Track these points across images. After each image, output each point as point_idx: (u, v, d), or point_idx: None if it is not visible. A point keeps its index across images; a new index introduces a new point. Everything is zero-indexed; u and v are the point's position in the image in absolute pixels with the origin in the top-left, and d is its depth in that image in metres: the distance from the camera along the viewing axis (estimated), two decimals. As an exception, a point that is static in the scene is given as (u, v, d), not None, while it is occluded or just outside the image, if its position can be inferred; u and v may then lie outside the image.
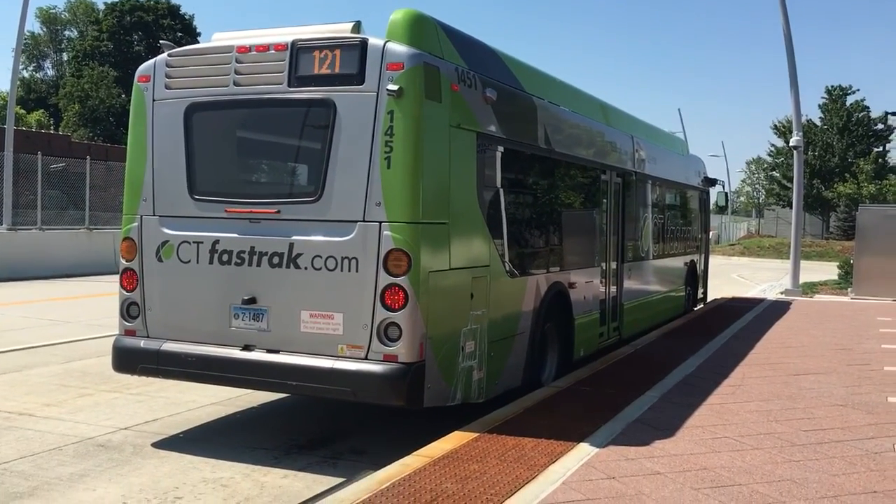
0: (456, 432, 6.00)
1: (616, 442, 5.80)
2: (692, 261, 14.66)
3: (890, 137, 57.50)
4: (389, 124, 5.83)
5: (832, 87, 59.10)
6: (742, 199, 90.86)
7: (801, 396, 7.43)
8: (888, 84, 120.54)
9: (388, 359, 5.81)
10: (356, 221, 5.91)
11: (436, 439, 5.83)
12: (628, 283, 10.67)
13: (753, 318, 13.66)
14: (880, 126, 57.16)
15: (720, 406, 6.98)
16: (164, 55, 6.68)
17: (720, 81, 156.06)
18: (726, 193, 17.96)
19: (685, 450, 5.65)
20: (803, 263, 21.25)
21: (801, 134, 19.69)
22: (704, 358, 9.39)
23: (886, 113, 53.45)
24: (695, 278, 14.94)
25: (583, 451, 5.56)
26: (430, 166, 6.00)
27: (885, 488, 4.92)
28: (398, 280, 5.78)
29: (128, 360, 6.67)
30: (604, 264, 9.83)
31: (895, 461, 5.47)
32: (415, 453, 5.51)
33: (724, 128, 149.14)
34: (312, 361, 5.97)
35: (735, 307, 15.45)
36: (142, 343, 6.57)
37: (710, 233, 18.66)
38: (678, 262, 13.79)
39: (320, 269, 6.01)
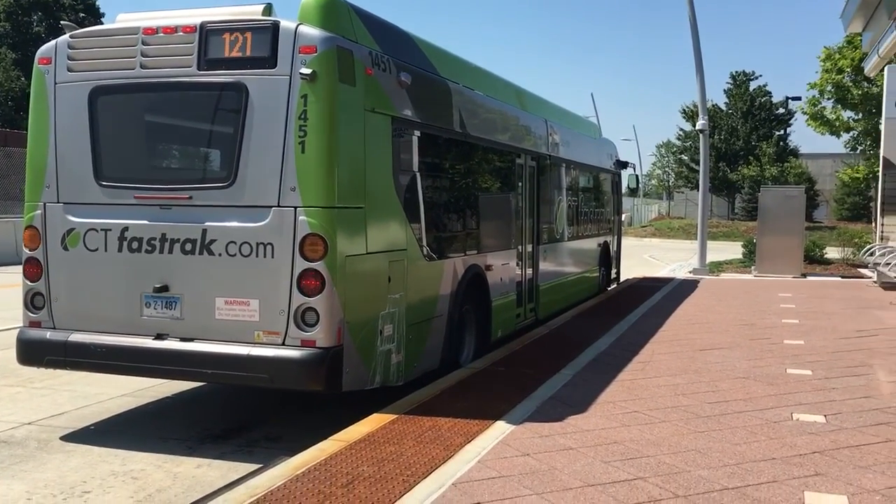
0: (373, 415, 6.01)
1: (531, 420, 5.92)
2: (605, 242, 15.07)
3: (790, 121, 59.89)
4: (303, 108, 5.79)
5: (736, 72, 61.14)
6: (653, 181, 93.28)
7: (707, 370, 7.72)
8: (788, 70, 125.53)
9: (305, 344, 5.79)
10: (271, 207, 5.85)
11: (353, 424, 5.83)
12: (544, 265, 10.90)
13: (663, 297, 14.09)
14: (781, 111, 59.47)
15: (630, 382, 7.19)
16: (65, 37, 6.45)
17: (632, 66, 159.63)
18: (637, 176, 18.50)
19: (596, 425, 5.80)
20: (710, 244, 22.02)
21: (706, 118, 20.33)
22: (616, 336, 9.65)
23: (787, 98, 55.65)
24: (608, 259, 15.35)
25: (498, 430, 5.65)
26: (344, 150, 5.98)
27: (783, 455, 5.16)
28: (314, 265, 5.76)
29: (33, 353, 6.46)
30: (520, 247, 10.01)
31: (793, 429, 5.75)
32: (331, 438, 5.49)
33: (635, 112, 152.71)
34: (228, 349, 5.89)
35: (646, 287, 15.90)
36: (48, 334, 6.37)
37: (623, 215, 19.19)
38: (592, 244, 14.13)
39: (235, 255, 5.94)
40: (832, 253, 22.52)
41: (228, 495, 4.55)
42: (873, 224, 22.28)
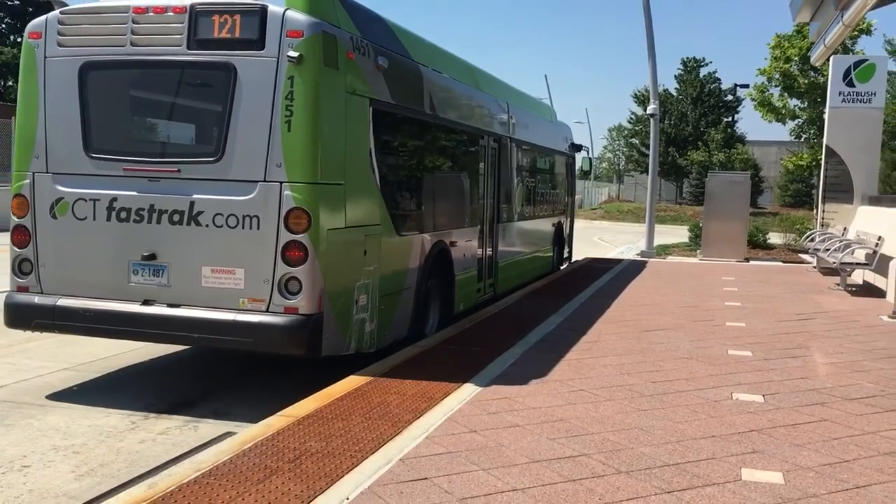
0: (321, 391, 6.00)
1: (479, 397, 5.97)
2: (559, 222, 15.55)
3: (738, 108, 60.93)
4: (290, 89, 6.07)
5: (687, 58, 61.95)
6: (604, 165, 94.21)
7: (652, 350, 7.87)
8: (738, 58, 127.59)
9: (288, 311, 6.12)
10: (257, 181, 6.14)
11: (301, 399, 5.81)
12: (502, 243, 11.28)
13: (611, 278, 14.29)
14: (730, 97, 60.48)
15: (577, 361, 7.29)
16: (56, 12, 6.62)
17: (586, 50, 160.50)
18: (591, 159, 18.95)
19: (543, 403, 5.88)
20: (658, 227, 22.38)
21: (657, 102, 20.57)
22: (565, 316, 9.77)
23: (735, 85, 56.60)
24: (562, 239, 15.86)
25: (446, 407, 5.69)
26: (327, 130, 6.30)
27: (722, 433, 5.31)
28: (298, 237, 6.09)
29: (21, 316, 6.70)
30: (480, 225, 10.38)
31: (732, 408, 5.91)
32: (278, 413, 5.48)
33: (588, 95, 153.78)
34: (214, 314, 6.20)
35: (595, 268, 16.10)
36: (36, 299, 6.61)
37: (575, 196, 19.49)
38: (547, 224, 14.56)
39: (221, 226, 6.22)
40: (775, 238, 23.07)
41: (172, 470, 4.51)
42: (815, 211, 22.86)
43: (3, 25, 61.29)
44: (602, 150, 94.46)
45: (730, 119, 59.97)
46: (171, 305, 6.33)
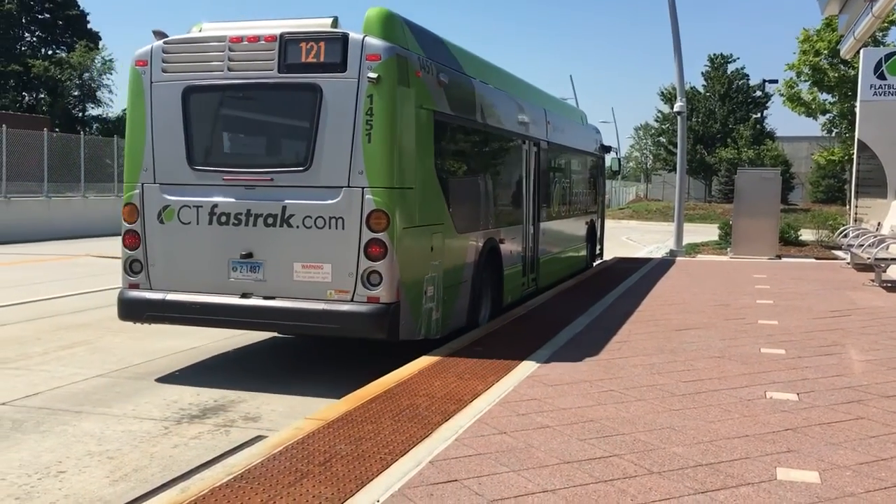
0: (351, 394, 6.02)
1: (507, 399, 5.95)
2: (592, 221, 16.22)
3: (767, 104, 60.24)
4: (369, 106, 6.90)
5: (714, 55, 61.34)
6: (631, 164, 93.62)
7: (682, 350, 7.79)
8: (766, 53, 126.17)
9: (371, 300, 6.93)
10: (342, 187, 6.97)
11: (331, 403, 5.83)
12: (542, 241, 11.95)
13: (640, 278, 14.18)
14: (758, 93, 59.79)
15: (607, 361, 7.24)
16: (159, 42, 7.45)
17: (611, 49, 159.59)
18: (619, 159, 19.51)
19: (573, 403, 5.85)
20: (687, 226, 22.17)
21: (684, 100, 20.40)
22: (593, 317, 9.71)
23: (764, 81, 55.99)
24: (594, 237, 16.47)
25: (475, 409, 5.67)
26: (401, 141, 7.10)
27: (755, 432, 5.23)
28: (379, 235, 6.90)
29: (134, 309, 7.53)
30: (524, 224, 11.09)
31: (766, 407, 5.83)
32: (308, 417, 5.50)
33: (614, 94, 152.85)
34: (306, 305, 7.02)
35: (624, 268, 16.00)
36: (147, 294, 7.45)
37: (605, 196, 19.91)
38: (581, 223, 15.23)
39: (310, 227, 7.05)
40: (807, 235, 22.77)
41: (205, 474, 4.54)
42: (847, 206, 22.52)
43: (35, 38, 62.43)
44: (629, 149, 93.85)
45: (759, 115, 59.28)
46: (266, 298, 7.15)
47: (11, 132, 23.16)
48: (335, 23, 7.15)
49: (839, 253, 19.04)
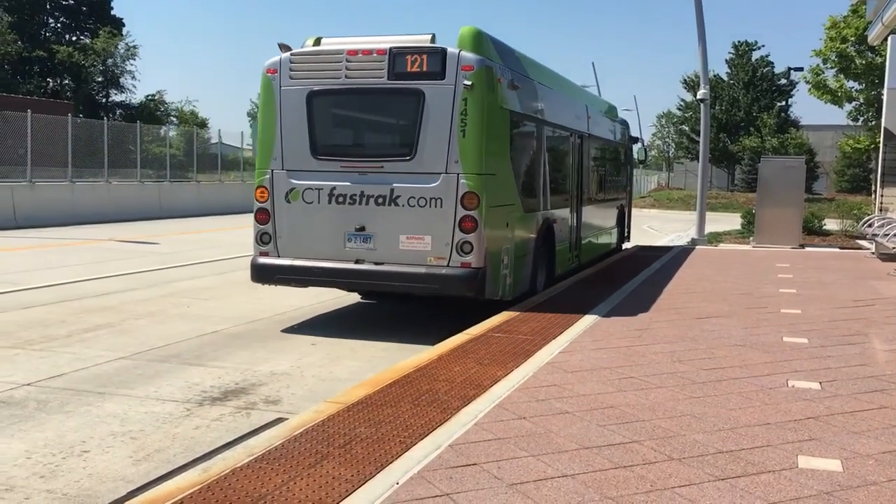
0: (370, 378, 6.04)
1: (527, 384, 5.95)
2: (622, 206, 17.51)
3: (792, 92, 59.53)
4: (464, 107, 8.38)
5: (739, 42, 60.66)
6: (653, 152, 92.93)
7: (704, 338, 7.74)
8: (791, 41, 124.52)
9: (463, 265, 8.43)
10: (440, 173, 8.46)
11: (350, 387, 5.85)
12: (584, 222, 13.32)
13: (661, 266, 14.10)
14: (783, 81, 59.08)
15: (627, 349, 7.22)
16: (287, 55, 8.94)
17: (634, 36, 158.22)
18: (645, 149, 20.24)
19: (593, 390, 5.83)
20: (709, 215, 21.99)
21: (707, 87, 20.19)
22: (614, 304, 9.67)
23: (789, 68, 55.23)
24: (623, 220, 17.71)
25: (494, 394, 5.67)
26: (488, 136, 8.53)
27: (777, 420, 5.20)
28: (471, 213, 8.38)
29: (266, 273, 9.07)
30: (570, 206, 12.42)
31: (787, 395, 5.78)
32: (328, 400, 5.52)
33: (636, 82, 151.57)
34: (410, 269, 8.50)
35: (645, 256, 15.91)
36: (276, 261, 8.94)
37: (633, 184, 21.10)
38: (613, 207, 16.53)
39: (414, 206, 8.51)
40: (831, 224, 22.52)
41: (226, 454, 4.58)
42: (873, 196, 22.23)
43: (59, 24, 62.90)
44: (651, 137, 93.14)
45: (783, 103, 58.58)
46: (377, 264, 8.62)
47: (36, 118, 23.36)
48: (433, 38, 8.69)
49: (864, 242, 18.82)
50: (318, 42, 9.14)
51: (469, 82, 8.31)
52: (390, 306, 10.73)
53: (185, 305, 10.20)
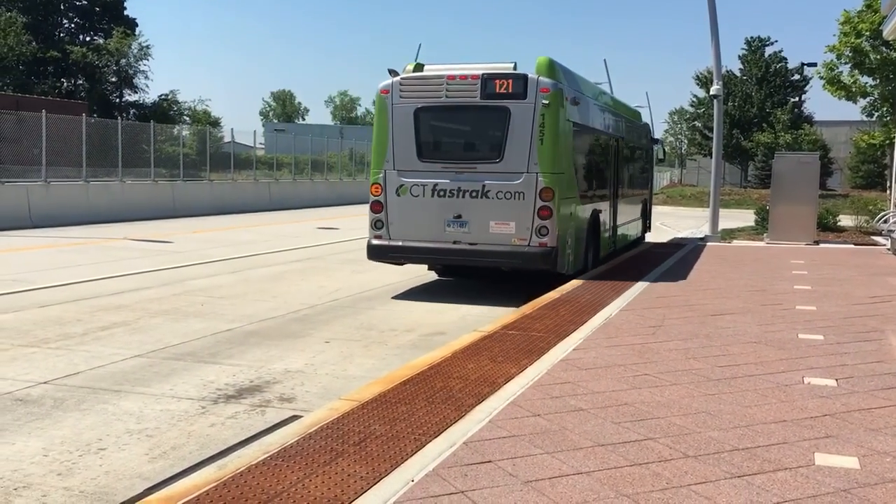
0: (385, 375, 6.04)
1: (542, 382, 5.94)
2: (645, 200, 19.75)
3: (805, 88, 59.14)
4: (542, 121, 10.64)
5: (752, 38, 60.37)
6: (666, 149, 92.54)
7: (718, 335, 7.71)
8: (805, 36, 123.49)
9: (541, 245, 10.69)
10: (523, 173, 10.70)
11: (365, 384, 5.86)
12: (619, 213, 15.44)
13: (675, 262, 14.05)
14: (796, 77, 58.71)
15: (641, 346, 7.19)
16: (397, 78, 11.21)
17: (645, 32, 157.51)
18: (664, 149, 23.17)
19: (607, 387, 5.82)
20: (722, 211, 21.87)
21: (721, 83, 20.09)
22: (627, 301, 9.64)
23: (802, 64, 54.91)
24: (646, 213, 19.89)
25: (508, 391, 5.67)
26: (559, 143, 10.86)
27: (793, 417, 5.17)
28: (547, 203, 10.64)
29: (380, 253, 11.34)
30: (609, 200, 14.54)
31: (803, 393, 5.75)
32: (343, 397, 5.54)
33: (648, 79, 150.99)
34: (498, 248, 10.80)
35: (658, 253, 15.86)
36: (389, 242, 11.22)
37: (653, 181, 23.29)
38: (639, 200, 18.62)
39: (501, 198, 10.75)
40: (846, 220, 22.36)
41: (242, 452, 4.60)
42: (888, 192, 22.05)
43: (73, 25, 63.23)
44: (663, 133, 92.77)
45: (797, 99, 58.20)
46: (470, 244, 10.90)
47: (51, 118, 23.49)
48: (515, 66, 10.95)
49: (879, 239, 18.68)
50: (418, 68, 11.39)
51: (546, 101, 10.58)
52: (463, 282, 12.91)
53: (199, 304, 10.24)
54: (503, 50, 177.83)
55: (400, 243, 11.09)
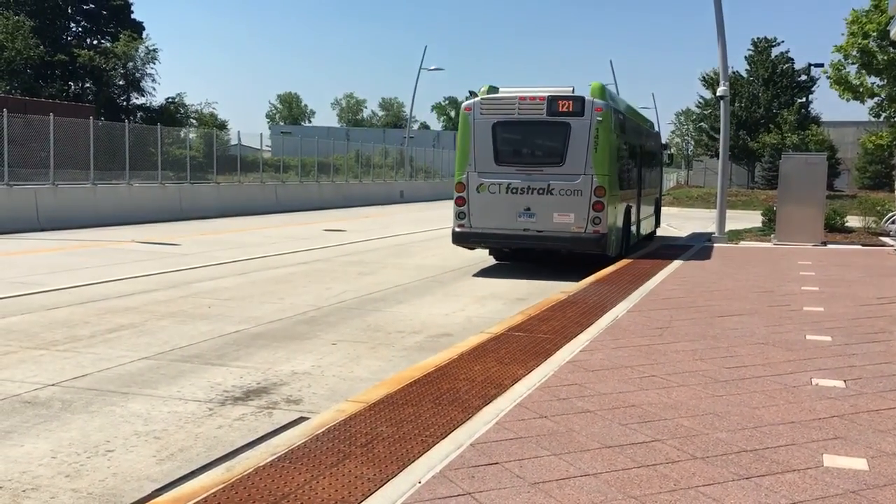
0: (390, 378, 6.04)
1: (549, 384, 5.93)
2: (657, 198, 22.85)
3: (812, 88, 58.95)
4: (596, 134, 13.35)
5: (758, 39, 60.19)
6: (672, 150, 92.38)
7: (725, 336, 7.69)
8: (811, 37, 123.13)
9: (595, 232, 13.40)
10: (581, 174, 13.39)
11: (372, 386, 5.86)
12: (641, 208, 17.96)
13: (681, 264, 14.03)
14: (803, 77, 58.54)
15: (648, 347, 7.18)
16: (478, 98, 14.13)
17: (651, 34, 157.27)
18: (671, 154, 24.96)
19: (614, 388, 5.81)
20: (729, 212, 21.82)
21: (727, 84, 20.04)
22: (634, 302, 9.63)
23: (809, 64, 54.77)
24: (658, 209, 22.84)
25: (515, 393, 5.67)
26: (609, 151, 13.54)
27: (801, 419, 5.15)
28: (600, 199, 13.37)
29: (463, 238, 14.18)
30: (636, 197, 17.05)
31: (811, 394, 5.73)
32: (350, 399, 5.54)
33: (654, 80, 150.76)
34: (561, 234, 13.57)
35: (664, 254, 15.83)
36: (470, 230, 14.00)
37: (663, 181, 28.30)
38: (653, 199, 21.30)
39: (563, 194, 13.46)
40: (853, 221, 22.29)
41: (249, 454, 4.61)
42: (895, 192, 21.95)
43: (80, 28, 63.46)
44: (669, 135, 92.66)
45: (804, 100, 58.02)
46: (538, 231, 13.62)
47: (59, 121, 23.56)
48: (573, 89, 13.73)
49: (886, 239, 18.62)
50: (492, 90, 14.28)
51: (600, 118, 13.32)
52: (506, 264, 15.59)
53: (207, 306, 10.27)
54: (506, 50, 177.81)
55: (479, 230, 13.86)
